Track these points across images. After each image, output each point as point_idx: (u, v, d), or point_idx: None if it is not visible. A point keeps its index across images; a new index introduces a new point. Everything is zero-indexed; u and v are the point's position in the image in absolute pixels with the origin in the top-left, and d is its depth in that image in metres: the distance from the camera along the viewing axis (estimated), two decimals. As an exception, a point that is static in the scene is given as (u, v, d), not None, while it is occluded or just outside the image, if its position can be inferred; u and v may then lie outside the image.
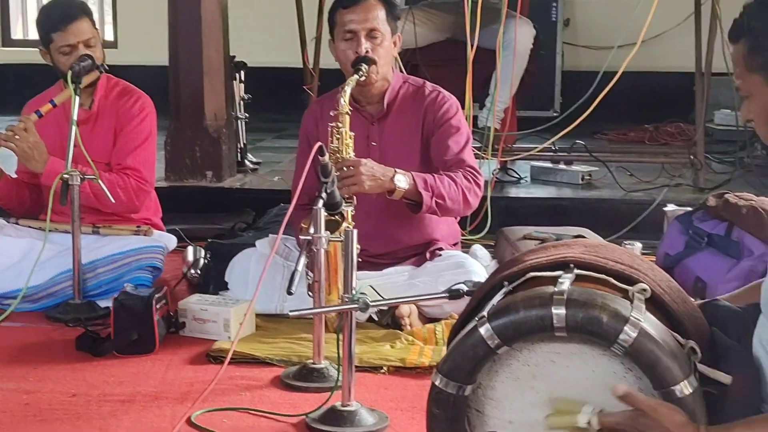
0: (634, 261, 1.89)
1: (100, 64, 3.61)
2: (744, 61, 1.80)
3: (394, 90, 3.50)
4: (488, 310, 1.77)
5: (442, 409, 1.79)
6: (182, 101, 5.03)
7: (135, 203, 3.67)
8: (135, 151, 3.68)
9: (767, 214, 3.43)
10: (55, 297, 3.51)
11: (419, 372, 2.92)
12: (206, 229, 4.41)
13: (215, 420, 2.62)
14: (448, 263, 3.39)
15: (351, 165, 3.15)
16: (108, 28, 8.37)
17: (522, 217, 4.50)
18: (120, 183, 3.60)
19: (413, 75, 4.10)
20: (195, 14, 4.92)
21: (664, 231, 3.91)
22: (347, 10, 3.36)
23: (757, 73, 1.78)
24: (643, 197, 4.68)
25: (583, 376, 1.73)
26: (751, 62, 1.79)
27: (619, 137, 6.49)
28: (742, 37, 1.80)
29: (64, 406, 2.73)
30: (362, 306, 2.52)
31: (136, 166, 3.66)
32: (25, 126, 3.48)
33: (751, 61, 1.79)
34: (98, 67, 3.60)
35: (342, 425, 2.56)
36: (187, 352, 3.13)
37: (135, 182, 3.64)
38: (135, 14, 8.18)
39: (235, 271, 3.50)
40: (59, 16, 3.60)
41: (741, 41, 1.80)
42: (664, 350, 1.67)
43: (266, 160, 5.71)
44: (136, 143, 3.69)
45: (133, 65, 6.80)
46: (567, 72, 7.14)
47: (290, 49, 5.34)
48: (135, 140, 3.69)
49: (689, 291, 3.37)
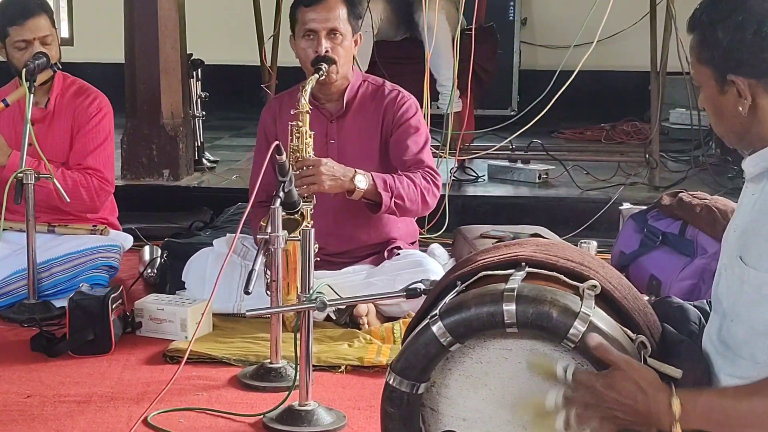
0: (585, 259, 1.92)
1: (54, 63, 3.58)
2: (695, 52, 1.84)
3: (353, 88, 3.50)
4: (440, 308, 1.78)
5: (396, 408, 1.80)
6: (138, 99, 5.00)
7: (96, 203, 3.66)
8: (95, 151, 3.66)
9: (721, 213, 3.45)
10: (9, 296, 3.49)
11: (377, 371, 2.93)
12: (163, 228, 4.40)
13: (172, 420, 2.62)
14: (405, 262, 3.41)
15: (311, 164, 3.16)
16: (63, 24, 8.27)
17: (479, 215, 4.53)
18: (83, 182, 3.59)
19: (371, 72, 4.11)
20: (151, 11, 4.89)
21: (620, 229, 3.95)
22: (308, 8, 3.36)
23: (705, 65, 1.82)
24: (599, 196, 4.72)
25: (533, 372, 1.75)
26: (701, 55, 1.83)
27: (575, 136, 6.52)
28: (695, 29, 1.84)
29: (19, 407, 2.71)
30: (320, 305, 2.53)
31: (97, 167, 3.64)
32: None
33: (701, 53, 1.83)
34: (52, 66, 3.57)
35: (299, 425, 2.57)
36: (144, 352, 3.12)
37: (97, 182, 3.63)
38: (91, 10, 8.11)
39: (192, 271, 3.50)
40: (18, 10, 3.57)
41: (694, 33, 1.84)
42: (614, 344, 1.69)
43: (224, 159, 5.69)
44: (95, 143, 3.67)
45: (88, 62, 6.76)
46: (524, 71, 7.18)
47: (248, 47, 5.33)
48: (94, 140, 3.67)
49: (644, 289, 3.43)
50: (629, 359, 1.69)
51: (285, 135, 3.22)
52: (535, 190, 4.96)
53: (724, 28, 1.77)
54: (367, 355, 3.07)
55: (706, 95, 1.86)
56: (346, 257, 3.49)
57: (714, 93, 1.83)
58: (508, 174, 5.15)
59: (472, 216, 4.47)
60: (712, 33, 1.79)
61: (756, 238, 1.72)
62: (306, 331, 2.58)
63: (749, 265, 1.72)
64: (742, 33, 1.75)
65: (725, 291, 1.83)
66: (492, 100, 6.34)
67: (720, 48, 1.78)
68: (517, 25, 7.20)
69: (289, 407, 2.62)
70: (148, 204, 4.79)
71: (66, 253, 3.56)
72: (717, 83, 1.81)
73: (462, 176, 5.11)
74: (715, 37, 1.79)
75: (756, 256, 1.71)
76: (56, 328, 3.24)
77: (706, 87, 1.85)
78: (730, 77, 1.78)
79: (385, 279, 3.33)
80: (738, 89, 1.77)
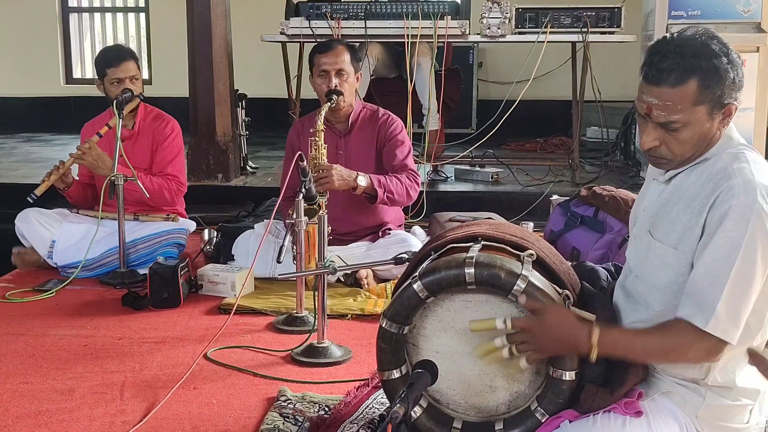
0: (525, 234, 1.92)
1: (139, 94, 3.58)
2: (693, 96, 1.58)
3: (356, 113, 3.49)
4: (419, 272, 1.77)
5: (388, 344, 1.80)
6: (199, 123, 4.97)
7: (174, 200, 3.67)
8: (172, 161, 3.66)
9: (623, 201, 3.46)
10: (106, 267, 3.48)
11: (374, 318, 2.93)
12: (217, 216, 4.37)
13: (225, 355, 2.62)
14: (395, 239, 3.40)
15: (325, 169, 3.14)
16: (145, 69, 8.25)
17: (449, 205, 4.50)
18: (165, 185, 3.60)
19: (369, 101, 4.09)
20: (208, 58, 4.87)
21: (550, 214, 3.95)
22: (322, 54, 3.36)
23: (704, 104, 1.59)
24: (535, 190, 4.70)
25: (488, 317, 1.75)
26: (703, 97, 1.59)
27: (518, 147, 6.50)
28: (691, 77, 1.57)
29: (114, 346, 2.72)
30: (332, 270, 2.53)
31: (174, 173, 3.65)
32: (89, 146, 3.46)
33: (703, 95, 1.58)
34: (138, 96, 3.57)
35: (318, 357, 2.57)
36: (204, 306, 3.12)
37: (175, 185, 3.64)
38: (164, 59, 8.10)
39: (239, 246, 3.48)
40: (114, 56, 3.57)
41: (690, 80, 1.57)
42: (546, 297, 1.69)
43: (262, 166, 5.66)
44: (171, 156, 3.66)
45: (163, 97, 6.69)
46: (481, 100, 7.15)
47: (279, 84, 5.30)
48: (170, 154, 3.66)
49: (567, 257, 3.43)
50: (552, 305, 1.68)
51: (306, 148, 3.21)
52: (489, 187, 4.94)
53: (730, 65, 1.58)
54: (367, 306, 3.07)
55: (693, 130, 1.61)
56: (351, 236, 3.48)
57: (703, 124, 1.61)
58: (470, 175, 5.14)
59: (444, 205, 4.45)
60: (721, 74, 1.57)
61: (663, 219, 1.71)
62: (322, 289, 2.58)
63: (656, 239, 1.71)
64: (736, 68, 1.59)
65: (633, 254, 1.83)
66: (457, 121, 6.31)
67: (726, 81, 1.58)
68: (475, 67, 7.17)
69: (310, 344, 2.62)
70: (207, 199, 4.76)
71: (147, 235, 3.55)
72: (708, 114, 1.60)
73: (436, 177, 5.10)
74: (723, 76, 1.58)
75: (663, 233, 1.70)
76: (140, 289, 3.23)
77: (695, 123, 1.60)
78: (730, 104, 1.61)
79: (380, 251, 3.32)
80: (731, 112, 1.62)
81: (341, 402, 2.23)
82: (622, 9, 4.52)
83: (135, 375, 2.46)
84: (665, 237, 1.69)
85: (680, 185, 1.71)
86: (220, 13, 4.89)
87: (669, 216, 1.70)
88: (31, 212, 3.56)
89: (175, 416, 2.18)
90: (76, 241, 3.51)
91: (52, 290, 3.26)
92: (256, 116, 5.69)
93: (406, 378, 1.79)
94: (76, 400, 2.29)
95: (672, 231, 1.68)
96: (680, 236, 1.66)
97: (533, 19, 4.52)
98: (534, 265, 1.77)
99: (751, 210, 1.56)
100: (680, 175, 1.72)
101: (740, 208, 1.56)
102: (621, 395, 1.67)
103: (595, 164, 5.45)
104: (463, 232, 1.93)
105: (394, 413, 1.43)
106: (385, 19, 4.51)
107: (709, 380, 1.67)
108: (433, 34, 4.42)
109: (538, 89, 5.36)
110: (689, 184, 1.68)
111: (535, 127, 6.78)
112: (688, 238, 1.64)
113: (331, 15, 4.51)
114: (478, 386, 1.78)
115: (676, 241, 1.66)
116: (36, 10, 8.38)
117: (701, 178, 1.66)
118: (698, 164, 1.69)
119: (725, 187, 1.59)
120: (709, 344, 1.58)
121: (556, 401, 1.71)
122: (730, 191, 1.58)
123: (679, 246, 1.66)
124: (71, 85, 8.53)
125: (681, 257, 1.65)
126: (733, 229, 1.56)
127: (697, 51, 1.59)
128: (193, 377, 2.43)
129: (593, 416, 1.66)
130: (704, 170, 1.67)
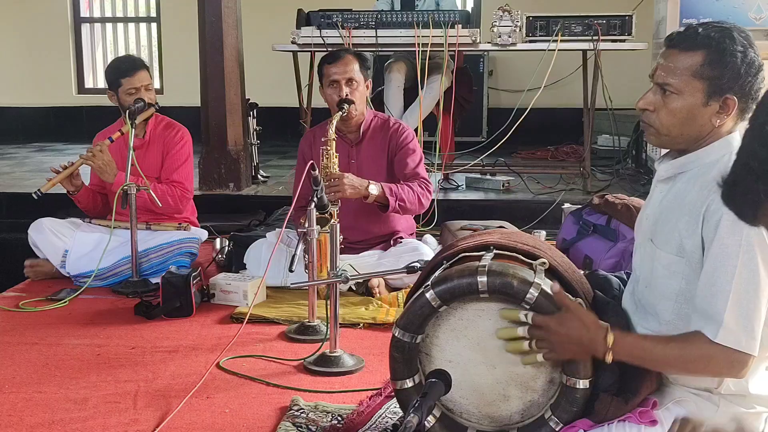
0: (537, 243, 1.91)
1: (156, 103, 3.61)
2: (695, 67, 1.62)
3: (367, 122, 3.50)
4: (431, 280, 1.77)
5: (401, 353, 1.79)
6: (211, 132, 5.00)
7: (179, 206, 3.67)
8: (178, 169, 3.67)
9: (636, 209, 3.44)
10: (119, 276, 3.50)
11: (386, 327, 2.93)
12: (229, 225, 4.39)
13: (237, 364, 2.63)
14: (406, 248, 3.41)
15: (337, 177, 3.15)
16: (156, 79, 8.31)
17: (460, 213, 4.51)
18: (169, 192, 3.61)
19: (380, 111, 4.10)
20: (219, 68, 4.90)
21: (562, 222, 3.94)
22: (331, 65, 3.37)
23: (702, 80, 1.62)
24: (546, 198, 4.70)
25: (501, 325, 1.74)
26: (703, 71, 1.62)
27: (529, 155, 6.51)
28: (701, 48, 1.62)
29: (126, 355, 2.73)
30: (344, 279, 2.53)
31: (180, 180, 3.66)
32: (101, 149, 3.49)
33: (704, 70, 1.62)
34: (152, 105, 3.60)
35: (330, 366, 2.57)
36: (216, 315, 3.13)
37: (180, 192, 3.64)
38: (175, 68, 8.15)
39: (251, 255, 3.50)
40: (128, 66, 3.61)
41: (699, 51, 1.62)
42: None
43: (273, 175, 5.68)
44: (178, 163, 3.68)
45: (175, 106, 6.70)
46: (491, 108, 7.17)
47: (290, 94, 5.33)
48: (177, 161, 3.68)
49: (580, 265, 3.42)
50: (577, 305, 1.67)
51: (318, 157, 3.22)
52: (500, 195, 4.94)
53: (743, 58, 1.60)
54: (379, 315, 3.07)
55: (684, 103, 1.64)
56: (363, 245, 3.48)
57: (696, 103, 1.64)
58: (481, 183, 5.15)
59: (455, 214, 4.46)
60: (729, 58, 1.60)
61: (663, 227, 1.71)
62: (334, 298, 2.58)
63: (658, 247, 1.71)
64: (749, 67, 1.62)
65: (639, 263, 1.82)
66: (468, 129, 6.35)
67: (732, 72, 1.61)
68: (486, 75, 7.19)
69: (323, 354, 2.62)
70: (219, 208, 4.79)
71: (159, 244, 3.56)
72: (705, 96, 1.63)
73: (447, 185, 5.11)
74: (730, 62, 1.60)
75: (663, 241, 1.70)
76: (152, 298, 3.25)
77: (688, 96, 1.64)
78: (728, 96, 1.62)
79: (392, 260, 3.33)
80: (727, 107, 1.63)
81: (354, 411, 2.23)
82: (633, 17, 4.53)
83: (148, 384, 2.47)
84: (664, 245, 1.69)
85: (679, 192, 1.71)
86: (232, 22, 4.93)
87: (668, 223, 1.70)
88: (44, 222, 3.60)
89: (188, 425, 2.19)
90: (88, 251, 3.53)
91: (65, 299, 3.28)
92: (268, 125, 5.73)
93: (419, 387, 1.78)
94: (90, 409, 2.30)
95: (671, 239, 1.67)
96: (679, 244, 1.65)
97: (544, 28, 4.53)
98: (546, 274, 1.77)
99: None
100: (679, 183, 1.72)
101: (732, 214, 1.56)
102: (636, 404, 1.67)
103: (606, 172, 5.46)
104: (475, 241, 1.93)
105: (408, 423, 1.43)
106: (396, 28, 4.53)
107: (722, 389, 1.67)
108: (444, 42, 4.43)
109: (549, 97, 5.37)
110: (686, 191, 1.69)
111: (546, 135, 6.78)
112: (689, 245, 1.63)
113: (342, 24, 4.54)
114: (491, 395, 1.78)
115: (677, 249, 1.66)
116: (48, 20, 8.46)
117: (697, 185, 1.66)
118: (695, 170, 1.69)
119: (717, 194, 1.59)
120: (727, 356, 1.56)
121: (570, 409, 1.70)
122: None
123: (682, 254, 1.65)
124: (83, 95, 8.60)
125: (687, 265, 1.65)
126: (727, 236, 1.55)
127: (718, 31, 1.62)
128: (206, 386, 2.44)
129: (608, 425, 1.66)
130: (701, 176, 1.67)
